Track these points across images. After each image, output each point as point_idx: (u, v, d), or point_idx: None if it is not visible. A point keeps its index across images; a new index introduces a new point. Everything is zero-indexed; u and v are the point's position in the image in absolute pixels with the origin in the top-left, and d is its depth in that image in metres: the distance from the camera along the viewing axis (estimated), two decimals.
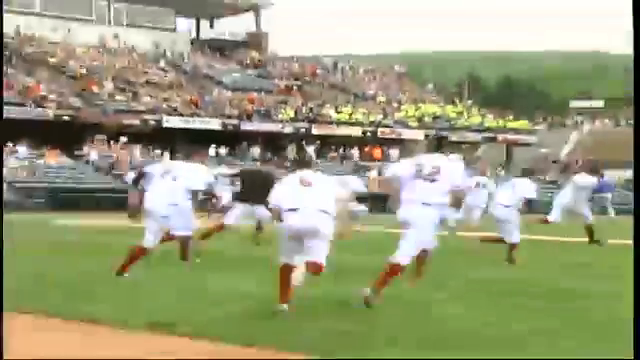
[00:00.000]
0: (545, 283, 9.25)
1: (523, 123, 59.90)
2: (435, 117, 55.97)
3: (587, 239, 15.77)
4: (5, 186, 33.06)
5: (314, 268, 7.07)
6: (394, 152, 52.79)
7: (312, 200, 7.20)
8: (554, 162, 59.18)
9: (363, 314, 6.87)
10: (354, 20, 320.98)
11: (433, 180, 7.65)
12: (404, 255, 7.62)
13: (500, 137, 56.95)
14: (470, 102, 63.89)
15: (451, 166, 7.97)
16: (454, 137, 55.70)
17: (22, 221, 20.74)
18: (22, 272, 9.12)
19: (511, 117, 60.08)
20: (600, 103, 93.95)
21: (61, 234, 18.56)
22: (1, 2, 11.93)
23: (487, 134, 56.75)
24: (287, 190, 7.37)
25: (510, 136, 57.06)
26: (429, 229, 7.73)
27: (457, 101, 62.82)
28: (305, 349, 5.42)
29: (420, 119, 55.20)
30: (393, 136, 53.70)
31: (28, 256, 11.61)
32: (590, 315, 6.90)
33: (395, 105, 57.09)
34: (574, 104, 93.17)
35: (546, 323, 6.43)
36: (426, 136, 54.99)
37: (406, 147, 55.33)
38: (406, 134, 54.16)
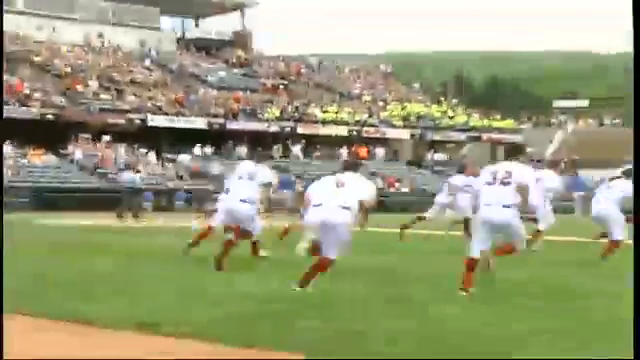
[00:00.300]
0: (544, 282, 9.25)
1: (508, 123, 60.16)
2: (420, 116, 56.09)
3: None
4: None
5: (320, 263, 8.13)
6: (380, 151, 52.91)
7: (338, 198, 8.19)
8: (538, 161, 59.39)
9: (361, 313, 6.86)
10: (340, 19, 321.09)
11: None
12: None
13: (485, 136, 57.18)
14: (455, 101, 64.09)
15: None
16: (439, 136, 55.93)
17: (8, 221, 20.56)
18: (17, 271, 9.05)
19: (497, 116, 60.34)
20: (584, 103, 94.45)
21: (50, 234, 18.46)
22: (1, 2, 11.89)
23: (472, 133, 56.97)
24: (319, 188, 8.53)
25: (495, 135, 57.29)
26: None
27: (443, 100, 62.99)
28: (303, 349, 5.39)
29: (405, 118, 55.32)
30: (378, 135, 53.78)
31: (24, 256, 11.53)
32: (590, 315, 6.89)
33: (381, 104, 57.18)
34: (558, 104, 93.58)
35: (546, 323, 6.41)
36: (412, 135, 55.21)
37: (391, 146, 55.49)
38: (391, 133, 54.28)
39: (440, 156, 55.28)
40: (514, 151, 9.11)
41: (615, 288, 8.49)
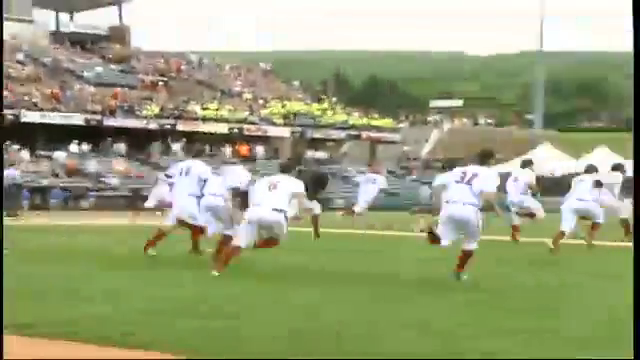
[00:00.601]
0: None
1: (387, 121, 61.23)
2: (300, 114, 56.39)
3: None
4: None
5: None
6: (260, 149, 52.87)
7: (272, 200, 9.31)
8: (414, 159, 60.80)
9: (237, 311, 6.81)
10: (219, 15, 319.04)
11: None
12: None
13: (364, 135, 58.01)
14: (335, 100, 64.74)
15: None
16: (319, 134, 56.41)
17: None
18: None
19: (376, 115, 61.33)
20: (459, 103, 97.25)
21: None
22: (1, 3, 11.39)
23: (352, 132, 57.69)
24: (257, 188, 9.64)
25: (374, 134, 58.20)
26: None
27: (323, 99, 63.52)
28: (184, 349, 5.29)
29: (286, 116, 55.52)
30: (259, 133, 53.76)
31: None
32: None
33: (261, 102, 57.17)
34: (434, 103, 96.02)
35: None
36: (292, 133, 55.47)
37: (272, 144, 55.56)
38: (272, 131, 54.37)
39: (320, 154, 55.75)
40: (485, 156, 9.67)
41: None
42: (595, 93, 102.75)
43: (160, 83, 55.61)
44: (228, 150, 49.38)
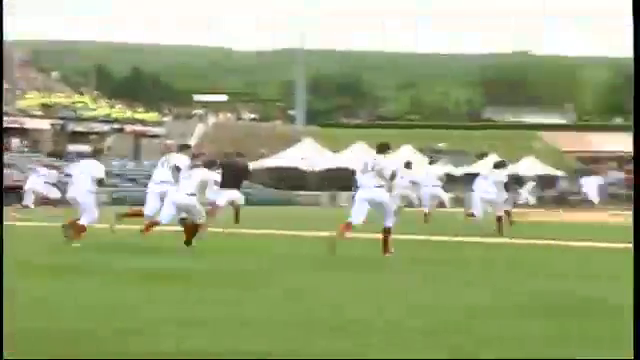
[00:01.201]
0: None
1: (152, 115, 60.59)
2: (61, 106, 54.50)
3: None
4: None
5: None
6: (15, 141, 50.48)
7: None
8: (96, 151, 60.50)
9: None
10: None
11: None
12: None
13: (128, 128, 57.04)
14: (96, 93, 63.12)
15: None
16: (81, 127, 54.77)
17: None
18: None
19: (140, 109, 60.50)
20: (223, 98, 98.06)
21: None
22: (1, 3, 9.60)
23: (115, 125, 56.52)
24: None
25: (138, 127, 57.39)
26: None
27: (85, 91, 61.72)
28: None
29: (46, 108, 53.39)
30: (16, 125, 51.27)
31: None
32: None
33: (18, 93, 54.57)
34: (199, 98, 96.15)
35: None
36: (52, 125, 53.42)
37: (30, 137, 53.23)
38: (30, 123, 52.06)
39: (82, 147, 54.09)
40: (382, 147, 11.72)
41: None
42: (353, 91, 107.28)
43: None
44: None
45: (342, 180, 50.13)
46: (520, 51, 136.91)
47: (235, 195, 18.59)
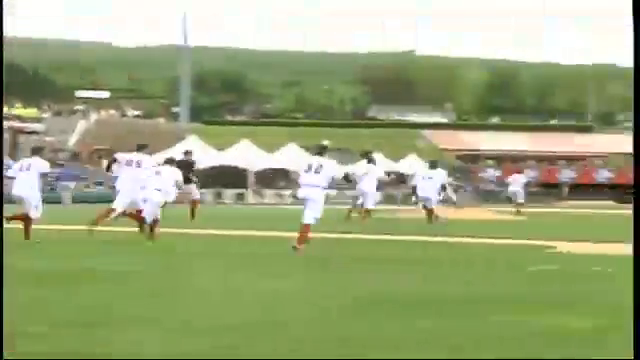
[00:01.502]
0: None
1: (30, 111, 58.91)
2: None
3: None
4: None
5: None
6: None
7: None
8: (61, 150, 59.13)
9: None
10: None
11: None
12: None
13: (5, 124, 55.22)
14: None
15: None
16: None
17: None
18: None
19: (18, 104, 58.74)
20: (106, 94, 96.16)
21: None
22: (1, 3, 8.72)
23: None
24: None
25: (16, 124, 55.70)
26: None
27: None
28: None
29: None
30: None
31: None
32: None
33: None
34: (80, 94, 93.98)
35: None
36: None
37: None
38: None
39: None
40: (320, 149, 12.91)
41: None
42: (238, 88, 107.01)
43: None
44: None
45: (226, 177, 50.04)
46: (406, 51, 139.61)
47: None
